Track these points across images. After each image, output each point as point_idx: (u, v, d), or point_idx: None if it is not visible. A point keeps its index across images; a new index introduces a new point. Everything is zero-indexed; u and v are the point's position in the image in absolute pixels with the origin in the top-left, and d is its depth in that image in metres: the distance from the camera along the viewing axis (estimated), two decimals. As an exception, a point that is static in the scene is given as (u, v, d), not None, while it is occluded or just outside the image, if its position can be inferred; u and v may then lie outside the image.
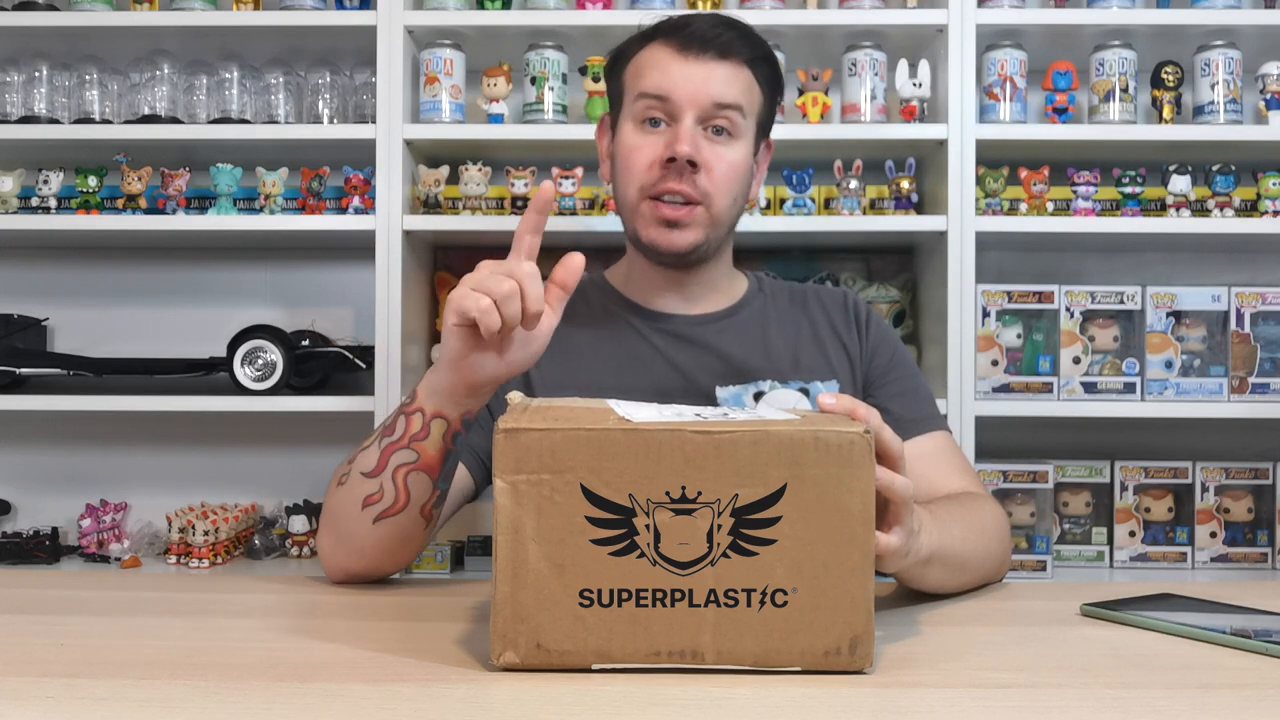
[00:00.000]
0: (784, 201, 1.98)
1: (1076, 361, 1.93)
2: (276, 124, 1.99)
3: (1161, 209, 1.97)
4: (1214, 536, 1.97)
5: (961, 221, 1.88)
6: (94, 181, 1.99)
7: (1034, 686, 0.71)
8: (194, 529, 1.92)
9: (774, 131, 1.29)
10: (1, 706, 0.66)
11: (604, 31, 1.93)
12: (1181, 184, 1.92)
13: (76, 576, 1.47)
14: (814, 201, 1.97)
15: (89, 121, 2.01)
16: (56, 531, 2.02)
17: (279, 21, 1.95)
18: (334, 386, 2.14)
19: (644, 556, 0.71)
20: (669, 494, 0.70)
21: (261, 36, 2.00)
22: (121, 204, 1.99)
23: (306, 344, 2.01)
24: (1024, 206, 1.93)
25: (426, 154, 2.04)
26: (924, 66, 1.91)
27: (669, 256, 1.21)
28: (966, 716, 0.66)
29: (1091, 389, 1.91)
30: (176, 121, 1.99)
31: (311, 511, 2.01)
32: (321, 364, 2.01)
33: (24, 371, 2.05)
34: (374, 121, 1.93)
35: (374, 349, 1.92)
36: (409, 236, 1.95)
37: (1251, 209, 1.95)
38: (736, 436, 0.70)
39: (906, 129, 1.92)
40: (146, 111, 1.99)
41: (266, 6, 2.02)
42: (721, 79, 1.17)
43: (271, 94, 2.01)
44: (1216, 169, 1.93)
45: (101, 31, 1.98)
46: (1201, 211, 1.95)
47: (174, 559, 1.96)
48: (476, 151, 2.00)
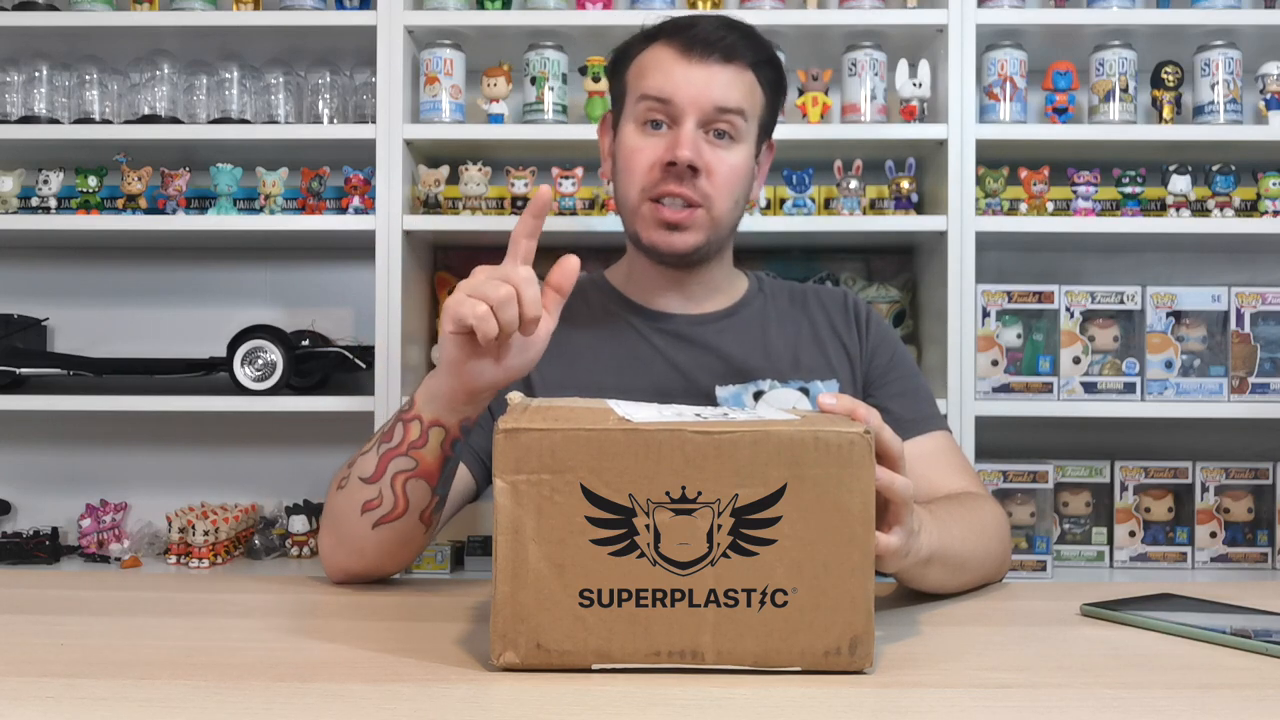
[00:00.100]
0: (784, 201, 1.98)
1: (1076, 361, 1.93)
2: (276, 124, 1.99)
3: (1161, 209, 1.97)
4: (1214, 536, 1.97)
5: (961, 221, 1.88)
6: (94, 181, 1.99)
7: (1034, 686, 0.71)
8: (194, 529, 1.92)
9: (774, 132, 1.29)
10: (1, 706, 0.66)
11: (604, 31, 1.94)
12: (1181, 184, 1.92)
13: (76, 576, 1.47)
14: (814, 201, 1.97)
15: (89, 121, 2.01)
16: (56, 531, 2.02)
17: (279, 21, 1.95)
18: (334, 386, 2.14)
19: (644, 556, 0.71)
20: (669, 494, 0.70)
21: (261, 36, 2.00)
22: (121, 204, 1.99)
23: (306, 344, 2.01)
24: (1024, 206, 1.93)
25: (426, 154, 2.04)
26: (924, 66, 1.91)
27: (669, 258, 1.21)
28: (966, 716, 0.66)
29: (1091, 389, 1.91)
30: (176, 121, 1.99)
31: (311, 511, 2.01)
32: (321, 364, 2.01)
33: (24, 371, 2.05)
34: (374, 121, 1.93)
35: (374, 349, 1.92)
36: (409, 236, 1.95)
37: (1251, 209, 1.95)
38: (736, 436, 0.70)
39: (906, 129, 1.92)
40: (146, 111, 1.99)
41: (266, 6, 2.02)
42: (724, 83, 1.17)
43: (271, 94, 2.01)
44: (1216, 169, 1.93)
45: (101, 31, 1.98)
46: (1201, 211, 1.95)
47: (174, 559, 1.96)
48: (476, 151, 2.00)
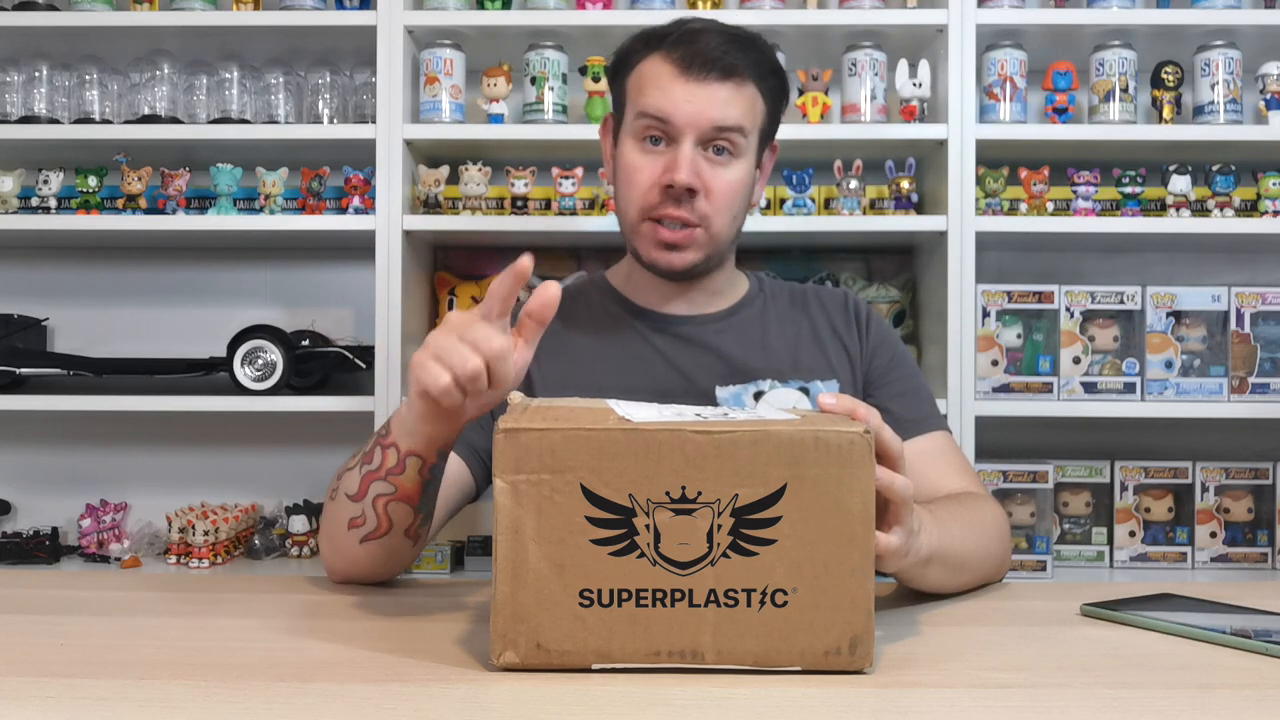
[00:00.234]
0: (784, 201, 1.98)
1: (1076, 361, 1.93)
2: (276, 124, 1.99)
3: (1161, 209, 1.96)
4: (1214, 536, 1.97)
5: (961, 221, 1.88)
6: (94, 181, 1.99)
7: (1034, 686, 0.71)
8: (194, 529, 1.92)
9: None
10: (1, 706, 0.66)
11: (604, 31, 1.94)
12: (1181, 184, 1.92)
13: (76, 576, 1.47)
14: (814, 201, 1.97)
15: (89, 121, 2.01)
16: (56, 531, 2.02)
17: (279, 21, 1.95)
18: (334, 386, 2.14)
19: (644, 556, 0.71)
20: (669, 494, 0.70)
21: (261, 36, 2.00)
22: (121, 204, 1.99)
23: (306, 344, 2.01)
24: (1024, 206, 1.93)
25: (426, 154, 2.04)
26: (924, 66, 1.91)
27: (669, 275, 1.22)
28: (966, 716, 0.66)
29: (1091, 389, 1.91)
30: (176, 121, 1.99)
31: (311, 511, 2.01)
32: (321, 364, 2.01)
33: (24, 371, 2.05)
34: (374, 121, 1.93)
35: (374, 349, 1.92)
36: (409, 236, 1.95)
37: (1251, 209, 1.95)
38: (736, 436, 0.70)
39: (906, 129, 1.92)
40: (146, 111, 1.99)
41: (266, 6, 2.02)
42: (723, 100, 1.15)
43: (271, 94, 2.01)
44: (1216, 169, 1.93)
45: (101, 31, 1.98)
46: (1201, 211, 1.95)
47: (174, 559, 1.96)
48: (476, 151, 2.00)
